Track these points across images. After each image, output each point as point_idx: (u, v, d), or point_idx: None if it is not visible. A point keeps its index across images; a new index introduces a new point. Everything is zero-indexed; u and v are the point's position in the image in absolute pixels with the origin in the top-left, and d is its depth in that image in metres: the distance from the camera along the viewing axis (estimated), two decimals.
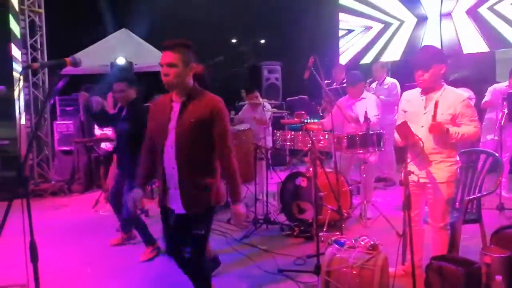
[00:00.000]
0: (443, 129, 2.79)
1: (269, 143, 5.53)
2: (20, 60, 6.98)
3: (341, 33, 9.53)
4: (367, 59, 8.85)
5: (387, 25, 8.73)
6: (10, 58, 6.93)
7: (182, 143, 2.35)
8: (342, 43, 9.50)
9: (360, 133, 4.26)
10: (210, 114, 2.36)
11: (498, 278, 2.68)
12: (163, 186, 2.46)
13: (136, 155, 3.77)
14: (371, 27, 9.06)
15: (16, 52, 6.96)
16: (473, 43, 7.34)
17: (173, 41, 2.34)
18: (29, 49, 7.05)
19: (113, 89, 3.87)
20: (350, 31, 9.41)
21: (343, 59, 9.31)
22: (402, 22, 8.50)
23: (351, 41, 9.49)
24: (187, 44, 2.38)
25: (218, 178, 2.48)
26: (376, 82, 6.28)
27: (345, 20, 9.44)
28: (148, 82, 4.04)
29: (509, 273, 2.71)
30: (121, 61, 5.94)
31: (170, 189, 2.44)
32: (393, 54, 8.52)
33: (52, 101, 7.42)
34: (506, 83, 5.13)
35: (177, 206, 2.43)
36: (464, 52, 7.35)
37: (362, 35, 9.24)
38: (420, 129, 2.89)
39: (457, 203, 3.46)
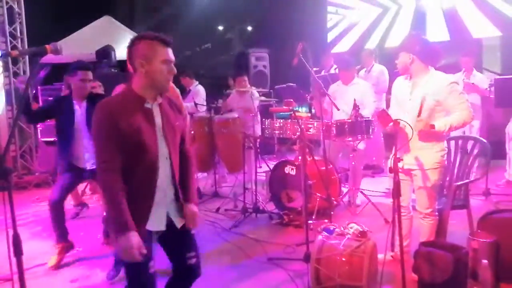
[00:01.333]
0: (430, 133, 2.82)
1: (258, 132, 5.50)
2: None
3: (329, 19, 9.47)
4: (355, 46, 8.81)
5: (375, 10, 8.69)
6: None
7: (175, 152, 2.07)
8: (330, 29, 9.44)
9: (349, 120, 4.25)
10: (183, 116, 2.22)
11: (485, 262, 2.71)
12: (147, 209, 1.98)
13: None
14: (360, 13, 9.01)
15: None
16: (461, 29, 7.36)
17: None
18: (8, 37, 6.82)
19: (79, 77, 3.53)
20: (340, 17, 9.35)
21: (332, 46, 9.26)
22: (389, 8, 8.47)
23: (340, 28, 9.44)
24: None
25: None
26: (365, 69, 6.27)
27: (333, 6, 9.37)
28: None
29: (495, 258, 2.75)
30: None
31: (160, 208, 2.03)
32: (381, 40, 8.51)
33: (34, 91, 7.23)
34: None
35: (177, 221, 2.11)
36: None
37: (350, 21, 9.20)
38: (406, 115, 2.89)
39: (444, 190, 3.49)
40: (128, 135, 1.90)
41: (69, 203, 5.07)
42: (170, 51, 2.01)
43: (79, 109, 3.60)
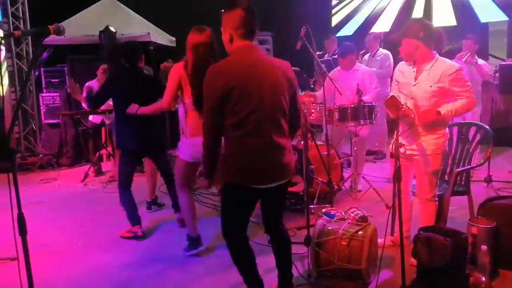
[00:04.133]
0: (433, 116, 2.80)
1: None
2: (1, 30, 6.75)
3: (334, 2, 9.34)
4: (359, 30, 8.70)
5: None
6: None
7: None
8: (334, 13, 9.32)
9: (352, 105, 4.23)
10: None
11: (484, 248, 2.73)
12: None
13: (121, 130, 3.73)
14: None
15: None
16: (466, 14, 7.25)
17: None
18: (11, 18, 6.79)
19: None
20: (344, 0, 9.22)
21: (335, 30, 9.15)
22: None
23: (344, 11, 9.31)
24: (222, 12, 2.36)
25: (224, 153, 2.36)
26: (369, 53, 6.21)
27: None
28: None
29: (494, 243, 2.76)
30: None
31: None
32: (386, 24, 8.39)
33: (37, 73, 7.22)
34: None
35: None
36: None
37: (355, 5, 9.06)
38: (410, 100, 2.88)
39: (446, 176, 3.49)
40: None
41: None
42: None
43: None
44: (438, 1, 7.62)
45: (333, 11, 9.32)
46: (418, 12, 7.81)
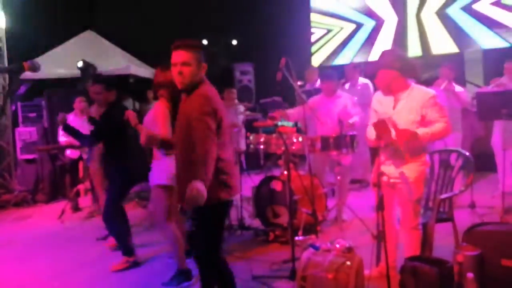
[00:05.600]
0: (412, 134, 2.80)
1: (242, 146, 5.46)
2: None
3: (313, 34, 9.58)
4: (339, 60, 8.91)
5: (359, 25, 8.83)
6: None
7: (179, 142, 2.43)
8: (314, 44, 9.54)
9: (334, 135, 4.24)
10: (189, 115, 2.35)
11: (470, 275, 2.70)
12: None
13: (116, 160, 3.66)
14: (342, 28, 9.15)
15: None
16: (442, 44, 7.53)
17: (188, 41, 2.39)
18: None
19: (90, 91, 3.81)
20: (323, 31, 9.47)
21: (316, 61, 9.35)
22: (376, 22, 8.61)
23: (323, 42, 9.54)
24: (200, 44, 2.45)
25: (214, 174, 2.35)
26: (349, 83, 6.31)
27: (317, 21, 9.49)
28: (114, 85, 3.90)
29: (480, 271, 2.73)
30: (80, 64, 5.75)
31: None
32: (365, 55, 8.62)
33: (13, 107, 7.09)
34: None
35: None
36: (433, 53, 7.52)
37: (334, 36, 9.31)
38: (390, 129, 2.89)
39: (430, 202, 3.48)
40: None
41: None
42: (179, 53, 2.35)
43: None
44: (410, 31, 7.92)
45: (313, 40, 9.55)
46: (387, 42, 8.08)
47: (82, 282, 3.53)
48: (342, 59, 8.84)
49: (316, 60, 9.38)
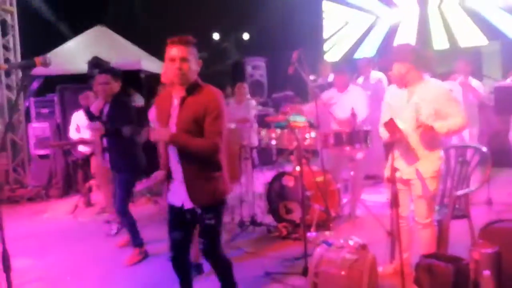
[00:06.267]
0: (427, 127, 2.76)
1: (254, 142, 5.43)
2: None
3: (326, 27, 9.49)
4: (360, 54, 8.80)
5: (372, 19, 8.72)
6: None
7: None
8: (331, 37, 9.45)
9: (347, 130, 4.18)
10: (203, 112, 2.37)
11: (487, 273, 2.64)
12: (168, 178, 2.52)
13: (127, 152, 3.67)
14: (361, 21, 9.03)
15: None
16: (469, 36, 7.39)
17: (186, 37, 2.39)
18: (2, 50, 6.79)
19: (96, 81, 3.75)
20: (336, 25, 9.37)
21: (334, 55, 9.27)
22: (388, 16, 8.50)
23: (337, 36, 9.44)
24: (195, 41, 2.44)
25: (223, 169, 2.51)
26: (363, 77, 6.23)
27: (334, 13, 9.39)
28: (125, 81, 3.89)
29: (497, 268, 2.68)
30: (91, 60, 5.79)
31: (176, 181, 2.47)
32: (375, 48, 8.52)
33: (27, 103, 7.16)
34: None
35: (184, 201, 2.45)
36: (461, 46, 7.38)
37: (353, 29, 9.20)
38: (403, 123, 2.86)
39: (445, 199, 3.42)
40: (158, 120, 2.51)
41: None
42: (175, 49, 2.34)
43: (104, 111, 3.76)
44: (435, 24, 7.76)
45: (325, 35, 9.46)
46: (410, 35, 7.95)
47: (94, 276, 3.56)
48: (362, 52, 8.70)
49: (335, 55, 9.27)
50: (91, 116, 3.81)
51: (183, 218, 2.49)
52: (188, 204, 2.43)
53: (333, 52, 9.35)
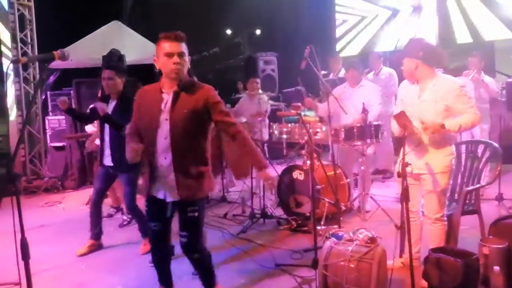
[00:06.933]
0: (438, 127, 2.76)
1: (265, 136, 5.48)
2: (11, 55, 6.87)
3: (338, 22, 9.44)
4: (379, 48, 8.75)
5: (383, 14, 8.65)
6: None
7: (177, 134, 2.39)
8: (339, 32, 9.40)
9: (358, 125, 4.21)
10: (204, 105, 2.41)
11: (496, 269, 2.66)
12: (151, 176, 2.50)
13: None
14: (367, 17, 8.98)
15: (5, 47, 6.84)
16: (493, 30, 7.28)
17: (180, 33, 2.40)
18: (19, 44, 6.93)
19: (102, 77, 3.75)
20: (346, 20, 9.32)
21: (347, 49, 9.22)
22: (398, 11, 8.42)
23: (348, 31, 9.39)
24: (186, 38, 2.46)
25: (209, 166, 2.55)
26: (373, 72, 6.22)
27: (342, 10, 9.35)
28: (140, 75, 3.96)
29: (507, 264, 2.69)
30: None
31: (160, 179, 2.47)
32: (391, 43, 8.45)
33: (43, 96, 7.30)
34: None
35: (170, 195, 2.47)
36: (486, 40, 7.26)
37: (359, 24, 9.15)
38: (414, 119, 2.86)
39: (456, 194, 3.43)
40: (141, 114, 2.48)
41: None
42: (173, 45, 2.35)
43: (110, 107, 3.70)
44: (456, 18, 7.63)
45: (337, 30, 9.41)
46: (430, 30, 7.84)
47: (107, 265, 3.65)
48: (382, 47, 8.62)
49: (352, 49, 9.20)
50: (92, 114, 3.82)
51: (164, 210, 2.51)
52: (173, 197, 2.46)
53: (350, 47, 9.29)
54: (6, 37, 6.88)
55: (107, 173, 3.81)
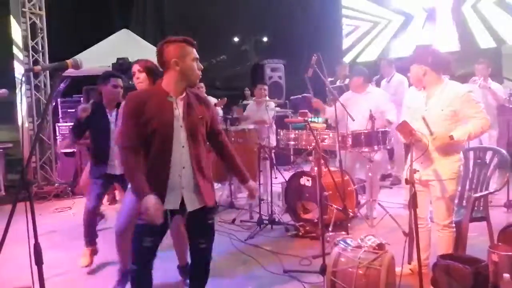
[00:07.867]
0: (447, 140, 2.78)
1: (273, 142, 5.51)
2: (22, 62, 6.98)
3: (350, 29, 9.46)
4: (371, 56, 8.78)
5: (391, 21, 8.66)
6: (11, 61, 6.92)
7: (194, 141, 2.32)
8: (351, 39, 9.41)
9: (365, 131, 4.22)
10: (210, 111, 2.45)
11: (506, 276, 2.65)
12: (162, 188, 2.25)
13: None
14: (375, 24, 8.99)
15: (17, 54, 6.96)
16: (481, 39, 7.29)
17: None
18: (31, 52, 7.04)
19: (112, 84, 3.69)
20: (354, 28, 9.34)
21: (347, 57, 9.25)
22: (408, 18, 8.42)
23: (355, 38, 9.41)
24: None
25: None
26: (385, 79, 6.22)
27: (351, 15, 9.38)
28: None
29: None
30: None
31: (173, 189, 2.27)
32: (400, 50, 8.45)
33: (54, 103, 7.40)
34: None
35: (190, 204, 2.32)
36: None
37: (366, 32, 9.17)
38: (421, 126, 2.88)
39: (464, 201, 3.43)
40: (147, 122, 2.20)
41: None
42: (193, 51, 2.32)
43: (110, 117, 3.67)
44: (474, 24, 7.62)
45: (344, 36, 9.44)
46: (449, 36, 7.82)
47: (116, 270, 3.67)
48: (397, 53, 8.60)
49: (348, 56, 9.25)
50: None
51: (166, 222, 2.26)
52: (193, 206, 2.33)
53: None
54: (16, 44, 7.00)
55: (108, 180, 3.74)
